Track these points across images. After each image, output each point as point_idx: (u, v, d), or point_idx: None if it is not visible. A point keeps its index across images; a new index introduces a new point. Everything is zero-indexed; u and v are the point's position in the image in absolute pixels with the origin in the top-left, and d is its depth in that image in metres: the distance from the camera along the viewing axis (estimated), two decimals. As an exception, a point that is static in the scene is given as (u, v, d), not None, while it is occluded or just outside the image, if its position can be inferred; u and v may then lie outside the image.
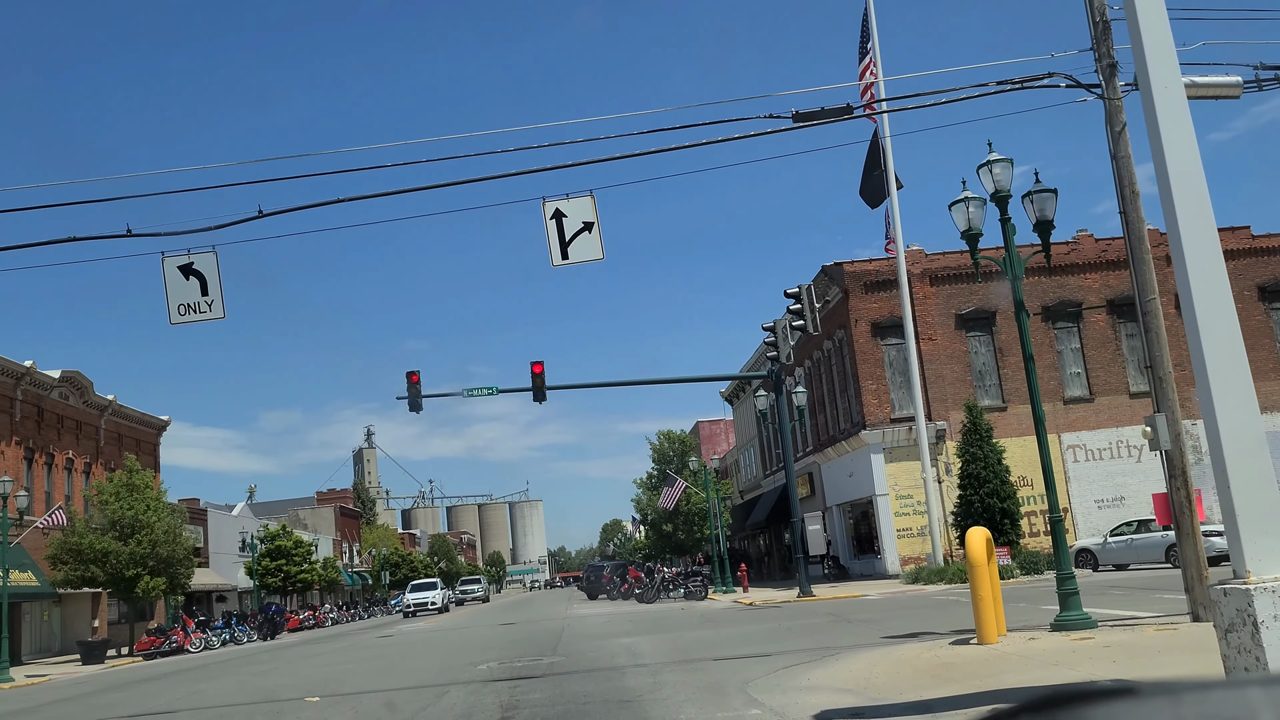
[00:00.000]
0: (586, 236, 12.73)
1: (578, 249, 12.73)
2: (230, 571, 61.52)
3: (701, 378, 38.08)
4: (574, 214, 12.76)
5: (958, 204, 14.19)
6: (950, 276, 39.89)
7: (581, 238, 12.72)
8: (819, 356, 44.81)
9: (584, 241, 12.73)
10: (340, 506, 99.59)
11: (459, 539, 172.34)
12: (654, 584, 39.01)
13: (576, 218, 12.77)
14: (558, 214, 12.72)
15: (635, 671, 13.07)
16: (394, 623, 47.20)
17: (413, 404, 28.70)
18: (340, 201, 12.68)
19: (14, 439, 41.22)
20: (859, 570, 42.98)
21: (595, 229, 12.73)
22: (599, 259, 12.70)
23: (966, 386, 39.06)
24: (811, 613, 21.69)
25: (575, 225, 12.77)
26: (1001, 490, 32.83)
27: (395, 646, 23.73)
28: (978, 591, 12.63)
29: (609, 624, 24.42)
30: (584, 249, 12.73)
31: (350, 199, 12.70)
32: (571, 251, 12.71)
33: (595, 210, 12.76)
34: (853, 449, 40.94)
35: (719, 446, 79.72)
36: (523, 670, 14.25)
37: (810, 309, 25.33)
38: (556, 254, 12.71)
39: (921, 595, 25.88)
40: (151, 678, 21.82)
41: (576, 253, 12.71)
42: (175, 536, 40.16)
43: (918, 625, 16.11)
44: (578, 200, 12.77)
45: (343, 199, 12.70)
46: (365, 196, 12.85)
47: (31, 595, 38.99)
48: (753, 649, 14.91)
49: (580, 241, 12.73)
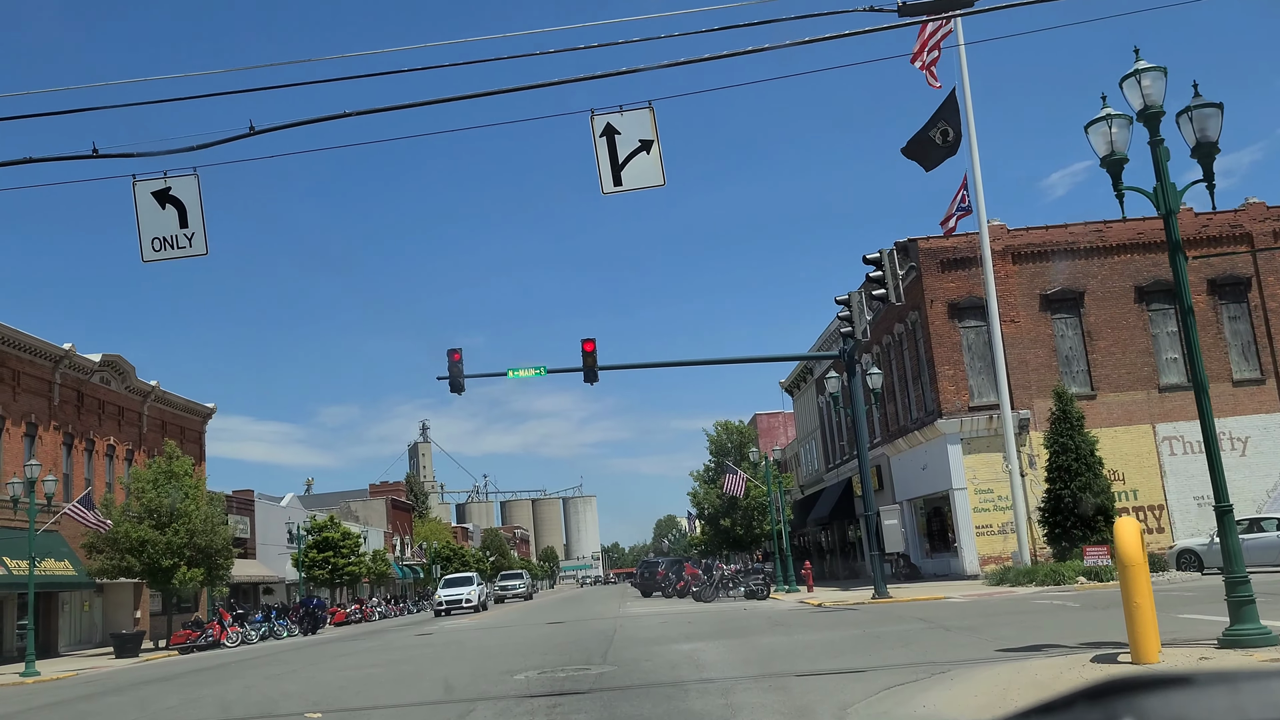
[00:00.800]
0: (644, 158, 10.42)
1: (633, 173, 10.42)
2: (277, 563, 60.24)
3: (764, 358, 35.62)
4: (629, 130, 10.45)
5: (1097, 123, 11.60)
6: (1034, 254, 36.93)
7: (638, 159, 10.41)
8: (889, 341, 42.03)
9: (641, 164, 10.41)
10: (392, 499, 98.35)
11: (512, 534, 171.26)
12: (712, 582, 36.62)
13: (631, 135, 10.46)
14: (609, 131, 10.41)
15: (701, 689, 10.72)
16: (437, 619, 45.29)
17: (454, 384, 26.60)
18: (348, 115, 10.48)
19: (52, 424, 39.97)
20: (932, 570, 40.17)
21: (654, 149, 10.40)
22: (658, 184, 10.37)
23: (1051, 373, 36.10)
24: (896, 617, 19.16)
25: (630, 145, 10.45)
26: (1095, 484, 29.92)
27: (430, 648, 21.63)
28: (1133, 598, 10.07)
29: (666, 626, 22.09)
30: (641, 173, 10.41)
31: (361, 112, 10.49)
32: (626, 176, 10.40)
33: (654, 126, 10.43)
34: (927, 439, 38.16)
35: (777, 440, 76.99)
36: (565, 684, 11.96)
37: (893, 275, 22.73)
38: (607, 179, 10.41)
39: (1014, 598, 23.19)
40: (166, 677, 19.95)
41: (632, 177, 10.39)
42: (213, 526, 38.60)
43: (1032, 635, 13.55)
44: (634, 114, 10.45)
45: (350, 113, 10.49)
46: (380, 109, 10.63)
47: (68, 585, 37.68)
48: (841, 661, 12.49)
49: (636, 164, 10.41)
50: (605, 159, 10.38)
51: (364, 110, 10.69)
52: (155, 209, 10.34)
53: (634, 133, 10.42)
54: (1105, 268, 36.84)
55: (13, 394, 37.49)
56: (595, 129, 10.40)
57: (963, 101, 30.04)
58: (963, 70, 30.00)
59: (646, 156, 10.36)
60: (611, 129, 10.39)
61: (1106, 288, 36.76)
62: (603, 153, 10.39)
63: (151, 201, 10.34)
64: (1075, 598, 21.53)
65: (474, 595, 50.84)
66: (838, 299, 25.11)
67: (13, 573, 32.68)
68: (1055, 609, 18.27)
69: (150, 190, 10.33)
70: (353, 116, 10.63)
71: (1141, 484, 35.64)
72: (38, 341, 38.73)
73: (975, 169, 30.56)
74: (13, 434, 37.34)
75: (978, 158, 30.49)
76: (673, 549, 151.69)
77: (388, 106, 10.70)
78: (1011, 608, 19.71)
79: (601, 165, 10.40)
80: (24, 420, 38.08)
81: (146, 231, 10.38)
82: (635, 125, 10.41)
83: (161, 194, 10.34)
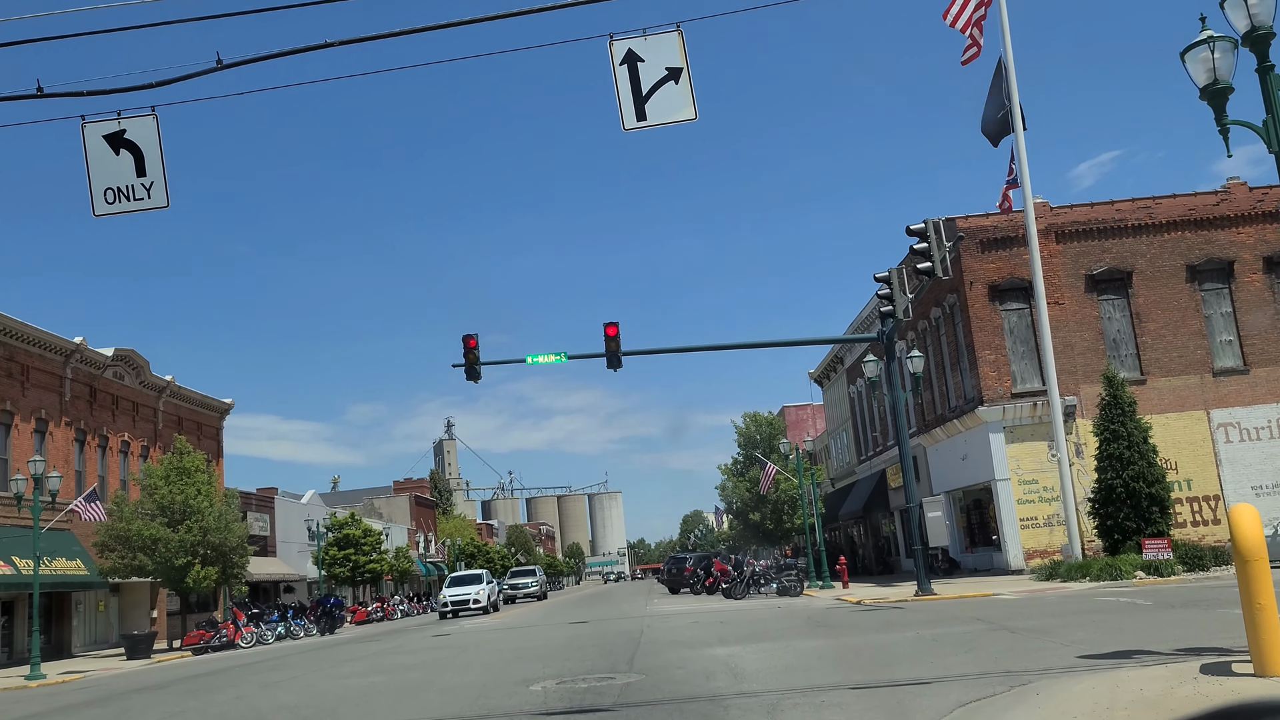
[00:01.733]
0: (671, 88, 8.94)
1: (659, 106, 8.94)
2: (298, 561, 59.22)
3: (797, 341, 34.01)
4: (653, 57, 8.97)
5: (1196, 47, 10.01)
6: (1079, 233, 35.14)
7: (665, 90, 8.93)
8: (924, 327, 40.31)
9: (668, 95, 8.93)
10: (416, 496, 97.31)
11: (537, 530, 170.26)
12: (743, 578, 35.09)
13: (657, 63, 8.98)
14: (630, 58, 8.93)
15: (744, 705, 9.24)
16: (456, 619, 43.91)
17: (470, 372, 25.22)
18: (329, 45, 9.05)
19: (64, 419, 38.95)
20: (972, 565, 38.50)
21: (684, 77, 8.92)
22: (689, 119, 8.89)
23: (1098, 357, 34.32)
24: (949, 616, 17.59)
25: (656, 74, 8.97)
26: (1149, 473, 28.21)
27: (445, 651, 20.24)
28: (1255, 599, 8.48)
29: (697, 626, 20.60)
30: (667, 105, 8.93)
31: (345, 41, 9.07)
32: (650, 109, 8.92)
33: (684, 51, 8.95)
34: (966, 428, 36.45)
35: (806, 432, 75.29)
36: (586, 698, 10.51)
37: (939, 246, 21.09)
38: (630, 113, 8.94)
39: (1071, 595, 21.54)
40: (162, 684, 18.68)
41: (658, 110, 8.91)
42: (227, 524, 37.45)
43: (1114, 639, 11.97)
44: (659, 38, 8.97)
45: (333, 43, 9.06)
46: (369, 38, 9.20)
47: (80, 585, 36.65)
48: (900, 671, 10.97)
49: (662, 95, 8.93)
50: (626, 90, 8.92)
51: (349, 40, 9.27)
52: (108, 154, 8.99)
53: (660, 60, 8.95)
54: (1154, 246, 35.01)
55: (22, 389, 36.48)
56: (614, 56, 8.93)
57: (1006, 72, 28.42)
58: (1005, 37, 28.32)
59: (674, 86, 8.90)
60: (634, 56, 8.92)
61: (1156, 267, 34.93)
62: (623, 83, 8.92)
63: (103, 145, 8.98)
64: (1140, 594, 19.88)
65: (483, 595, 46.18)
66: (877, 276, 23.51)
67: (22, 572, 31.64)
68: (1126, 607, 16.65)
69: (101, 133, 8.98)
70: (336, 47, 9.20)
71: (1195, 473, 33.82)
72: (47, 335, 37.72)
73: (1020, 141, 28.89)
74: (22, 430, 36.33)
75: (1022, 130, 28.81)
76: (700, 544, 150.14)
77: (375, 35, 9.27)
78: (1075, 606, 18.09)
79: (622, 97, 8.93)
80: (34, 416, 37.06)
81: (98, 181, 9.02)
82: (661, 51, 8.93)
83: (115, 137, 8.98)
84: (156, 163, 9.03)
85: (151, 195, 9.04)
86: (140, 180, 9.05)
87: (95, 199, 9.05)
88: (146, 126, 9.06)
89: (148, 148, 9.05)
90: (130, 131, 9.03)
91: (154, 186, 9.06)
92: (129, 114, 9.04)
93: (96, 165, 9.01)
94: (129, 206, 9.01)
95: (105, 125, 9.03)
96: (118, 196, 9.06)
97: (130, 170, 9.04)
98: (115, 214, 9.06)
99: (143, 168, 9.04)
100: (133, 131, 9.04)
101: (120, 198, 9.06)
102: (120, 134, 9.02)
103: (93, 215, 9.00)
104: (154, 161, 9.03)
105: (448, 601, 45.63)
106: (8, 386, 35.67)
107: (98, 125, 9.02)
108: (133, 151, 9.04)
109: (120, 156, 9.01)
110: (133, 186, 9.06)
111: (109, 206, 9.03)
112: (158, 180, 9.05)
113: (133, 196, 9.04)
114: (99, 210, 9.05)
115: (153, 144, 9.04)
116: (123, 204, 9.02)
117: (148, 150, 9.05)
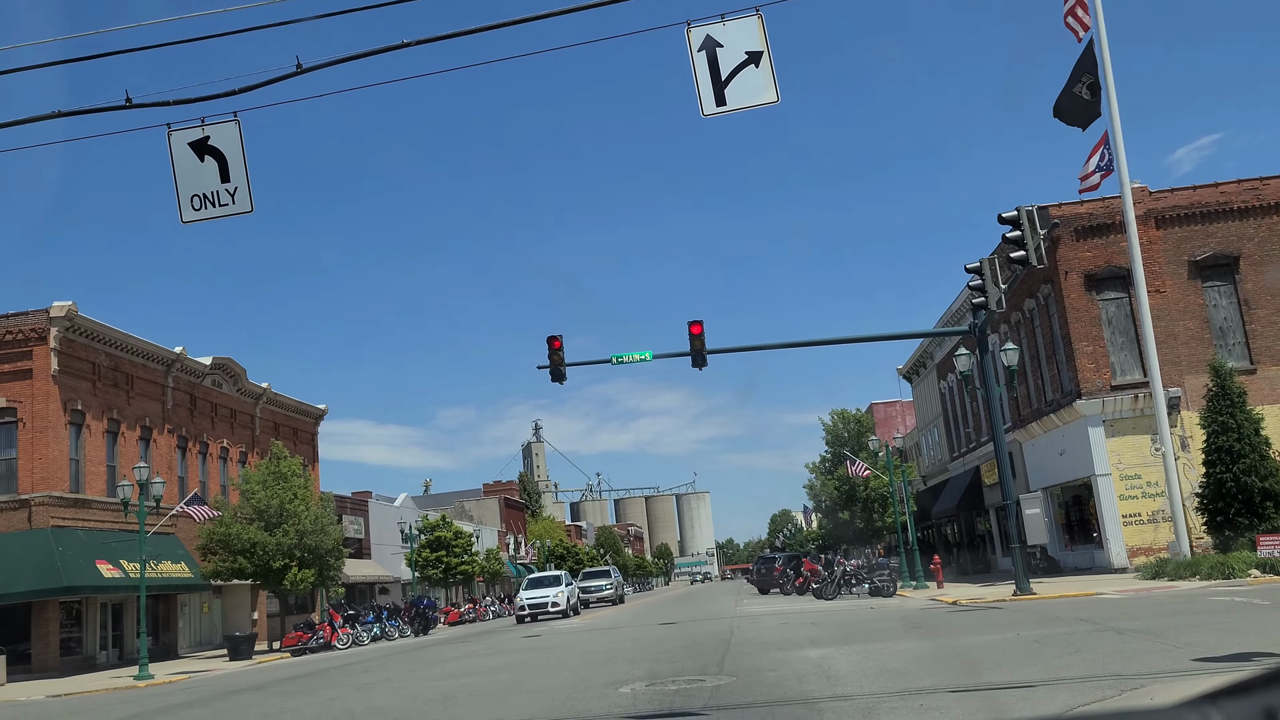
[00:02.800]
0: (752, 72, 8.70)
1: (738, 90, 8.71)
2: (392, 563, 60.24)
3: (885, 335, 33.33)
4: (732, 43, 8.74)
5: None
6: (1181, 217, 33.77)
7: (745, 74, 8.69)
8: (1017, 319, 39.19)
9: (748, 79, 8.69)
10: (505, 498, 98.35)
11: (626, 531, 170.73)
12: (833, 578, 34.51)
13: (736, 48, 8.75)
14: (709, 44, 8.72)
15: (838, 709, 8.94)
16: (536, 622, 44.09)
17: (555, 373, 25.24)
18: (407, 45, 9.03)
19: (166, 427, 40.22)
20: (1072, 563, 37.29)
21: (765, 61, 8.67)
22: (771, 101, 8.64)
23: (1204, 346, 32.93)
24: (1051, 617, 16.96)
25: (736, 58, 8.74)
26: (1261, 467, 26.99)
27: (535, 652, 20.25)
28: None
29: (787, 627, 20.26)
30: (748, 89, 8.70)
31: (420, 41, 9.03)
32: (730, 94, 8.69)
33: (764, 34, 8.70)
34: (1064, 423, 35.31)
35: (895, 430, 73.97)
36: (677, 700, 10.32)
37: (1033, 234, 20.38)
38: (708, 99, 8.72)
39: (1180, 594, 20.63)
40: (260, 685, 19.05)
41: (737, 95, 8.68)
42: (323, 527, 38.21)
43: (1233, 641, 11.34)
44: (738, 22, 8.74)
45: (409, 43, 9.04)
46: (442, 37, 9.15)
47: (184, 587, 37.77)
48: (1000, 674, 10.54)
49: (743, 80, 8.70)
50: (705, 76, 8.71)
51: (427, 39, 9.23)
52: (193, 161, 9.12)
53: (739, 44, 8.72)
54: (1263, 229, 33.47)
55: (127, 399, 37.76)
56: (691, 43, 8.73)
57: (1099, 49, 27.38)
58: (1098, 13, 27.30)
59: (755, 70, 8.66)
60: (712, 41, 8.71)
61: (1265, 251, 33.38)
62: (702, 70, 8.72)
63: (188, 153, 9.12)
64: (1256, 593, 18.92)
65: (562, 597, 42.90)
66: (968, 267, 22.85)
67: (129, 575, 32.71)
68: (1242, 607, 15.85)
69: (186, 140, 9.11)
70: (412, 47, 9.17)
71: (1312, 466, 32.14)
72: (150, 346, 38.98)
73: (1115, 124, 27.79)
74: (128, 438, 37.60)
75: (1117, 112, 27.74)
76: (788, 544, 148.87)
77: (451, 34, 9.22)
78: (1184, 606, 17.29)
79: (701, 83, 8.72)
80: (138, 424, 38.34)
81: (185, 188, 9.17)
82: (740, 36, 8.71)
83: (199, 144, 9.12)
84: (240, 168, 9.14)
85: (236, 201, 9.16)
86: (225, 186, 9.17)
87: (183, 206, 9.20)
88: (229, 133, 9.18)
89: (231, 154, 9.16)
90: (214, 138, 9.16)
91: (238, 192, 9.17)
92: (212, 121, 9.17)
93: (183, 172, 9.15)
94: (215, 213, 9.14)
95: (190, 133, 9.18)
96: (204, 203, 9.19)
97: (215, 177, 9.16)
98: (202, 220, 9.20)
99: (226, 174, 9.16)
100: (216, 138, 9.17)
101: (206, 204, 9.19)
102: (204, 141, 9.15)
103: (180, 222, 9.15)
104: (237, 167, 9.14)
105: (524, 605, 42.99)
106: (114, 396, 36.95)
107: (183, 133, 9.17)
108: (217, 158, 9.17)
109: (205, 163, 9.15)
110: (217, 193, 9.19)
111: (195, 213, 9.17)
112: (241, 186, 9.16)
113: (218, 203, 9.17)
114: (186, 217, 9.19)
115: (235, 150, 9.16)
116: (208, 210, 9.15)
117: (231, 156, 9.16)
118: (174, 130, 9.17)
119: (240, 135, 9.15)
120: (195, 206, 9.21)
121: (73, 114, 9.00)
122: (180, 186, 9.19)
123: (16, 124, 8.87)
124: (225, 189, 9.19)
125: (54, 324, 33.67)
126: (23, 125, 8.91)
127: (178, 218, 9.14)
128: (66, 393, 34.17)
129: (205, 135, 9.15)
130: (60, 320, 33.76)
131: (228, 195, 9.18)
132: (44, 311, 33.84)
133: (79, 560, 31.94)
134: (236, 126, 9.14)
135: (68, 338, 34.31)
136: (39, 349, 33.66)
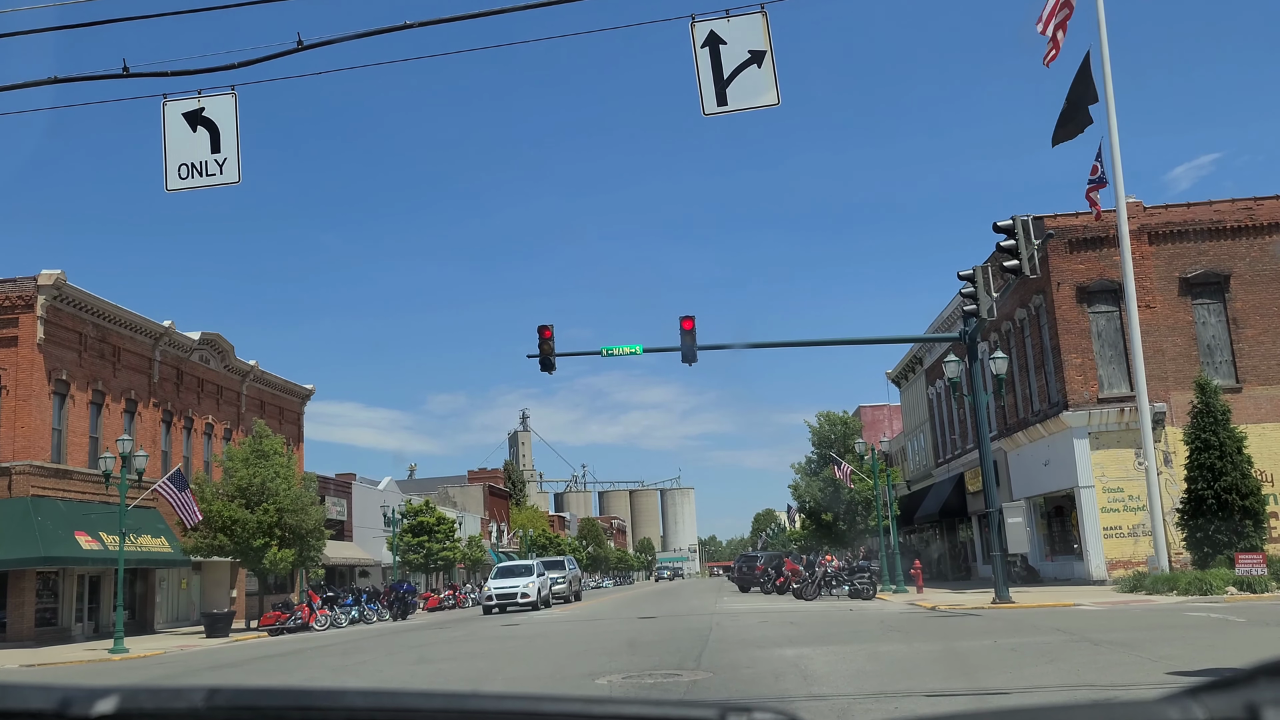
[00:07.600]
0: (754, 72, 8.69)
1: (740, 90, 8.70)
2: (374, 547, 60.17)
3: (875, 339, 33.40)
4: (736, 40, 8.73)
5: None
6: (1174, 234, 33.90)
7: (747, 73, 8.68)
8: (1008, 328, 39.30)
9: (750, 79, 8.68)
10: (489, 486, 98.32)
11: (609, 524, 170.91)
12: (814, 579, 34.60)
13: (739, 46, 8.74)
14: (712, 40, 8.70)
15: (813, 708, 8.96)
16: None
17: (544, 363, 25.22)
18: (409, 27, 8.99)
19: (151, 400, 40.06)
20: (1051, 574, 37.44)
21: (767, 61, 8.67)
22: (771, 103, 8.64)
23: (1191, 363, 33.07)
24: (1028, 626, 17.03)
25: (738, 57, 8.73)
26: (1242, 485, 27.12)
27: (512, 640, 20.26)
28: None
29: (766, 625, 20.31)
30: (750, 90, 8.69)
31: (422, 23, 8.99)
32: (731, 94, 8.68)
33: (768, 34, 8.69)
34: (1049, 433, 35.44)
35: (882, 433, 74.21)
36: (653, 693, 10.33)
37: (1027, 244, 20.43)
38: (710, 98, 8.71)
39: (1157, 609, 20.72)
40: (235, 663, 19.01)
41: (739, 95, 8.68)
42: (304, 506, 38.13)
43: (1206, 656, 11.40)
44: (742, 19, 8.73)
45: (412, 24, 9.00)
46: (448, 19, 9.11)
47: (164, 562, 37.65)
48: (975, 680, 10.58)
49: (745, 79, 8.69)
50: (707, 73, 8.70)
51: (428, 21, 9.19)
52: (185, 131, 9.07)
53: (742, 42, 8.71)
54: (1255, 249, 33.62)
55: (113, 370, 37.59)
56: (695, 38, 8.72)
57: (1099, 62, 27.42)
58: (1100, 22, 27.36)
59: (757, 70, 8.65)
60: (715, 38, 8.70)
61: (1256, 271, 33.54)
62: (704, 66, 8.71)
63: (181, 123, 9.07)
64: (1232, 610, 19.02)
65: (533, 588, 40.46)
66: (961, 274, 22.91)
67: (108, 548, 32.59)
68: (1217, 623, 15.94)
69: (181, 111, 9.06)
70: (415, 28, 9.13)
71: (1293, 486, 32.40)
72: (138, 318, 38.79)
73: (1112, 136, 27.85)
74: (113, 410, 37.43)
75: (1114, 124, 27.78)
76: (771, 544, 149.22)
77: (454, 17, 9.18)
78: (1161, 620, 17.39)
79: (703, 81, 8.72)
80: (124, 396, 38.17)
81: (173, 157, 9.12)
82: (744, 33, 8.70)
83: (193, 115, 9.06)
84: (231, 140, 9.10)
85: (224, 171, 9.10)
86: (214, 156, 9.13)
87: (169, 174, 9.15)
88: (225, 105, 9.13)
89: (224, 125, 9.12)
90: (209, 110, 9.11)
91: (226, 163, 9.12)
92: (209, 93, 9.12)
93: (173, 141, 9.10)
94: (201, 182, 9.10)
95: (185, 103, 9.13)
96: (191, 172, 9.15)
97: (205, 147, 9.12)
98: (187, 189, 9.16)
99: (218, 144, 9.12)
100: (211, 110, 9.12)
101: (193, 173, 9.14)
102: (199, 112, 9.10)
103: (165, 190, 9.10)
104: (229, 138, 9.09)
105: (492, 594, 40.62)
106: (100, 367, 36.77)
107: (178, 103, 9.12)
108: (209, 129, 9.12)
109: (197, 134, 9.10)
110: (206, 163, 9.15)
111: (182, 182, 9.13)
112: (231, 157, 9.11)
113: (205, 172, 9.12)
114: (171, 185, 9.15)
115: (229, 122, 9.11)
116: (195, 179, 9.11)
117: (224, 127, 9.12)
118: (169, 100, 9.12)
119: (236, 108, 9.10)
120: (182, 175, 9.16)
121: (71, 80, 8.93)
122: (169, 155, 9.12)
123: (12, 88, 8.80)
124: (215, 159, 9.14)
125: (42, 292, 33.47)
126: (17, 90, 8.84)
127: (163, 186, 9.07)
128: (52, 362, 33.99)
129: (200, 107, 9.10)
130: (48, 289, 33.57)
131: (216, 165, 9.13)
132: (32, 279, 33.64)
133: (58, 531, 31.80)
134: (233, 99, 9.10)
135: (55, 307, 34.11)
136: (25, 317, 33.47)
